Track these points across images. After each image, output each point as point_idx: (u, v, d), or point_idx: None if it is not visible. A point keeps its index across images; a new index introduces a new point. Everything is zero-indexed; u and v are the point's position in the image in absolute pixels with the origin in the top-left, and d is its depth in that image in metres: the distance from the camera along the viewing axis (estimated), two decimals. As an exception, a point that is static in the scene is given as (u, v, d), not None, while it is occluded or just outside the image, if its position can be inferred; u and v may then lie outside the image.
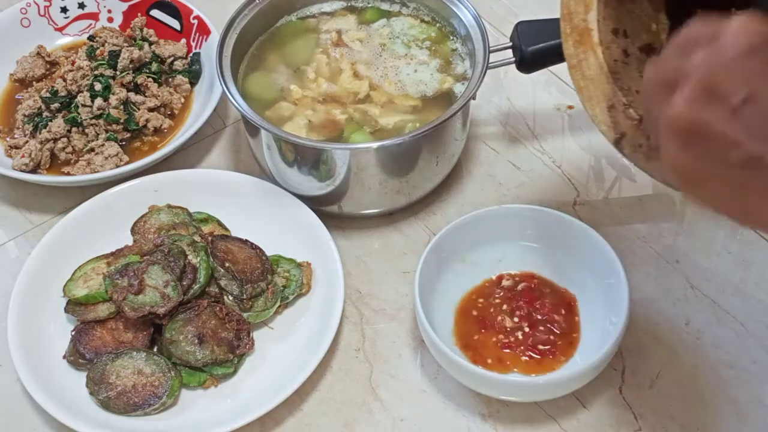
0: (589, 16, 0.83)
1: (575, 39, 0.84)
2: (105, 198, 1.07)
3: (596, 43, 0.83)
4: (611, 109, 0.83)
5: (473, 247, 1.00)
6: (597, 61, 0.84)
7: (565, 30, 0.84)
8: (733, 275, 1.02)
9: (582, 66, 0.84)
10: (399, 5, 1.16)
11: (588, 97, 0.84)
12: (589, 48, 0.83)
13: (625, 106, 0.83)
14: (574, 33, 0.84)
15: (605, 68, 0.83)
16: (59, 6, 1.28)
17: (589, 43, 0.83)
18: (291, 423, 0.93)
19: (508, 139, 1.17)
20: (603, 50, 0.84)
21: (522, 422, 0.92)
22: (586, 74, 0.84)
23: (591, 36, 0.83)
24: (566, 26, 0.84)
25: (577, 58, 0.84)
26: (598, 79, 0.84)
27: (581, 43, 0.84)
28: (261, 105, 1.06)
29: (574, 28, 0.84)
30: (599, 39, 0.83)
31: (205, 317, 0.96)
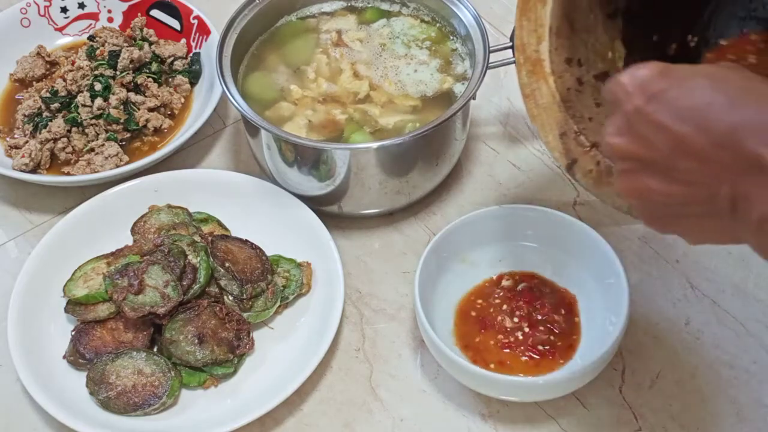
0: (541, 47, 0.86)
1: (528, 69, 0.86)
2: (105, 198, 1.07)
3: (548, 73, 0.86)
4: (563, 137, 0.86)
5: (473, 247, 1.00)
6: (549, 90, 0.86)
7: (519, 60, 0.87)
8: (733, 275, 1.02)
9: (535, 95, 0.87)
10: (399, 5, 1.16)
11: (541, 125, 0.87)
12: (542, 78, 0.86)
13: (576, 133, 0.85)
14: (527, 63, 0.86)
15: (557, 97, 0.86)
16: (59, 6, 1.28)
17: (542, 73, 0.86)
18: (291, 423, 0.93)
19: (508, 139, 1.17)
20: (555, 79, 0.86)
21: (522, 422, 0.92)
22: (539, 103, 0.86)
23: (543, 66, 0.86)
24: (519, 56, 0.87)
25: (530, 88, 0.87)
26: (550, 107, 0.86)
27: (534, 73, 0.86)
28: (261, 105, 1.06)
29: (527, 58, 0.86)
30: (551, 69, 0.86)
31: (205, 317, 0.96)
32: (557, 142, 0.86)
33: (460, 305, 0.98)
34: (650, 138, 0.63)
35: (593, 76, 0.89)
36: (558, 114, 0.86)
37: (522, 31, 0.86)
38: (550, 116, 0.86)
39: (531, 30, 0.86)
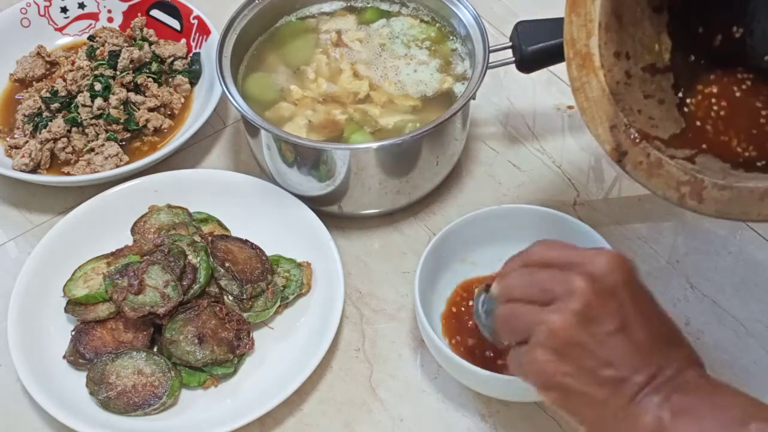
0: (591, 41, 0.86)
1: (578, 63, 0.86)
2: (105, 198, 1.07)
3: (598, 67, 0.86)
4: (613, 129, 0.86)
5: (473, 247, 1.00)
6: (599, 84, 0.86)
7: (569, 54, 0.87)
8: (733, 275, 1.02)
9: (585, 89, 0.86)
10: (398, 5, 1.16)
11: (591, 118, 0.87)
12: (592, 71, 0.86)
13: (626, 125, 0.85)
14: (577, 57, 0.86)
15: (607, 90, 0.86)
16: (59, 6, 1.28)
17: (591, 67, 0.86)
18: (291, 423, 0.93)
19: (508, 139, 1.17)
20: (605, 73, 0.86)
21: (522, 422, 0.92)
22: (588, 96, 0.86)
23: (593, 60, 0.86)
24: (569, 51, 0.87)
25: (580, 81, 0.87)
26: (600, 100, 0.86)
27: (584, 67, 0.86)
28: (261, 105, 1.06)
29: (577, 53, 0.86)
30: (601, 63, 0.86)
31: (205, 317, 0.96)
32: (607, 134, 0.86)
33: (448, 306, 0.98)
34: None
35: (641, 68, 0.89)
36: (608, 107, 0.86)
37: (571, 26, 0.86)
38: (600, 109, 0.86)
39: (580, 25, 0.86)
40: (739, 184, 0.77)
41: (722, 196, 0.78)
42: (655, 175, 0.84)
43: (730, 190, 0.77)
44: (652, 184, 0.85)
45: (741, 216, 0.78)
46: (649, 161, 0.85)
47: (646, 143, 0.85)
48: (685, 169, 0.80)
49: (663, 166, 0.84)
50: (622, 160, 0.86)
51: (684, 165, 0.81)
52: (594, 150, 1.15)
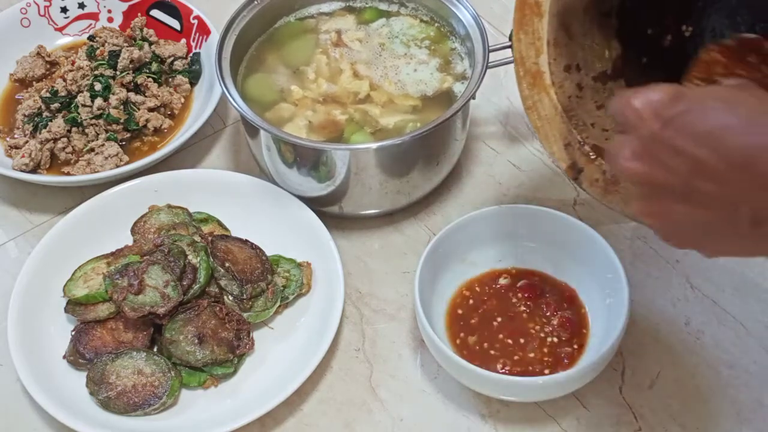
0: (540, 59, 0.86)
1: (529, 82, 0.87)
2: (105, 198, 1.07)
3: (549, 85, 0.86)
4: (567, 147, 0.86)
5: (473, 247, 0.99)
6: (551, 102, 0.87)
7: (519, 73, 0.87)
8: (733, 275, 1.02)
9: (537, 107, 0.87)
10: (398, 5, 1.16)
11: (545, 137, 0.87)
12: (543, 90, 0.86)
13: (580, 143, 0.85)
14: (527, 76, 0.87)
15: (559, 108, 0.86)
16: (59, 6, 1.28)
17: (542, 85, 0.86)
18: (291, 423, 0.93)
19: (508, 139, 1.17)
20: (556, 90, 0.87)
21: (522, 422, 0.92)
22: (541, 115, 0.87)
23: (543, 78, 0.86)
24: (519, 69, 0.87)
25: (532, 100, 0.87)
26: (553, 119, 0.87)
27: (534, 86, 0.87)
28: (261, 106, 1.06)
29: (527, 71, 0.87)
30: (551, 80, 0.87)
31: (205, 317, 0.96)
32: (562, 152, 0.87)
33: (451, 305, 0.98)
34: (668, 163, 0.64)
35: (592, 78, 0.89)
36: (561, 125, 0.86)
37: (520, 45, 0.86)
38: (553, 127, 0.87)
39: (529, 43, 0.86)
40: None
41: None
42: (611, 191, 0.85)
43: None
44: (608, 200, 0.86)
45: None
46: (605, 178, 0.85)
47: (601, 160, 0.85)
48: None
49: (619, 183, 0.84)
50: (578, 177, 0.87)
51: None
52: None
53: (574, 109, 0.87)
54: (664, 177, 0.64)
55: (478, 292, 0.98)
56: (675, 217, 0.66)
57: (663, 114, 0.64)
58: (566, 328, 0.94)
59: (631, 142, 0.66)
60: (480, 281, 0.99)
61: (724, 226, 0.64)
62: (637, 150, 0.65)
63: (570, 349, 0.93)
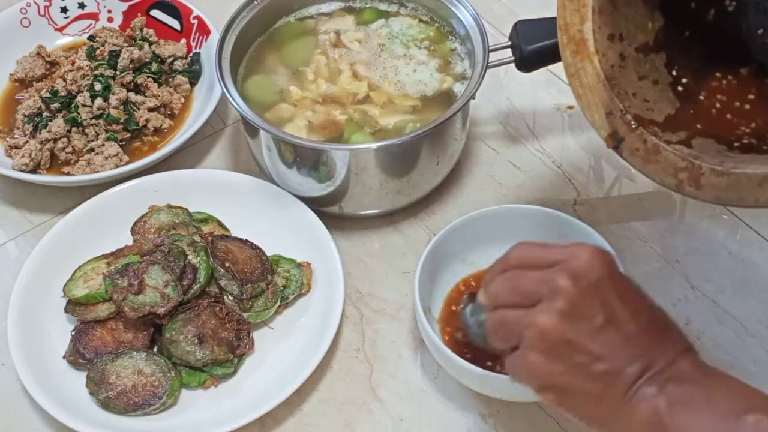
0: (585, 26, 0.85)
1: (572, 49, 0.86)
2: (105, 198, 1.07)
3: (593, 52, 0.85)
4: (609, 116, 0.85)
5: (473, 247, 1.00)
6: (594, 69, 0.85)
7: (562, 40, 0.86)
8: (733, 275, 1.02)
9: (580, 75, 0.86)
10: (397, 5, 1.16)
11: (587, 105, 0.86)
12: (586, 57, 0.85)
13: (622, 111, 0.84)
14: (570, 43, 0.86)
15: (602, 76, 0.85)
16: (59, 6, 1.28)
17: (586, 52, 0.85)
18: (291, 423, 0.93)
19: (508, 139, 1.17)
20: (599, 58, 0.85)
21: (522, 422, 0.92)
22: (583, 82, 0.86)
23: (587, 46, 0.85)
24: (563, 36, 0.86)
25: (575, 68, 0.86)
26: (595, 86, 0.85)
27: (578, 53, 0.85)
28: (261, 107, 1.06)
29: (571, 38, 0.86)
30: (595, 48, 0.85)
31: (205, 317, 0.96)
32: (603, 121, 0.86)
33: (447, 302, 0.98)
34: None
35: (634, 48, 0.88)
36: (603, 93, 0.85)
37: (564, 11, 0.85)
38: (595, 95, 0.85)
39: (574, 10, 0.85)
40: (737, 170, 0.76)
41: (720, 182, 0.77)
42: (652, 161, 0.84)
43: (728, 176, 0.77)
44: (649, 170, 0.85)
45: (738, 202, 0.78)
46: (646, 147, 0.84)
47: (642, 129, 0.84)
48: (683, 155, 0.80)
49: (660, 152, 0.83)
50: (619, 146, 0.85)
51: (681, 150, 0.80)
52: (594, 150, 1.15)
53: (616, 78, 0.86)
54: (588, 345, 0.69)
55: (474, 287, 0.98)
56: (577, 385, 0.70)
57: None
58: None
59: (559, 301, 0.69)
60: (476, 277, 0.99)
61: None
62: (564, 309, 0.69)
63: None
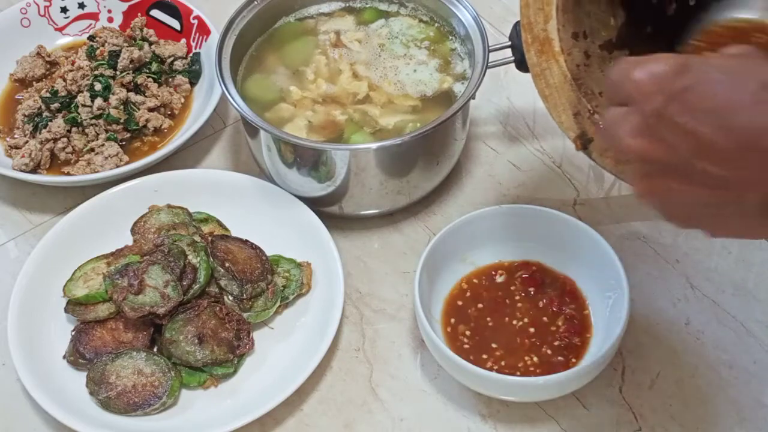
0: (549, 25, 0.84)
1: (537, 48, 0.85)
2: (105, 198, 1.07)
3: (558, 52, 0.85)
4: (577, 116, 0.85)
5: (473, 247, 1.00)
6: (560, 69, 0.85)
7: (527, 40, 0.85)
8: (733, 275, 1.02)
9: (545, 75, 0.85)
10: (397, 5, 1.16)
11: (553, 105, 0.86)
12: (551, 57, 0.85)
13: (590, 112, 0.84)
14: (535, 43, 0.85)
15: (569, 76, 0.85)
16: (59, 6, 1.28)
17: (551, 52, 0.85)
18: (291, 423, 0.93)
19: (508, 139, 1.17)
20: (565, 57, 0.85)
21: (522, 422, 0.92)
22: (549, 83, 0.85)
23: (552, 45, 0.85)
24: (527, 36, 0.85)
25: (540, 67, 0.85)
26: (562, 87, 0.85)
27: (543, 53, 0.85)
28: (261, 107, 1.06)
29: (535, 37, 0.85)
30: (560, 47, 0.84)
31: (205, 317, 0.96)
32: (571, 122, 0.85)
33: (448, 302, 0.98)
34: (670, 140, 0.60)
35: (598, 46, 0.87)
36: (570, 93, 0.84)
37: (528, 10, 0.84)
38: (562, 96, 0.85)
39: (537, 9, 0.84)
40: None
41: None
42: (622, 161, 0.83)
43: None
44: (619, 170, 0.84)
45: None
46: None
47: None
48: None
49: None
50: (588, 147, 0.85)
51: None
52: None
53: (582, 78, 0.85)
54: (666, 155, 0.60)
55: (475, 284, 0.98)
56: (677, 196, 0.62)
57: (666, 88, 0.59)
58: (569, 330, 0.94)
59: (632, 116, 0.61)
60: (477, 275, 0.99)
61: (729, 208, 0.61)
62: (639, 126, 0.61)
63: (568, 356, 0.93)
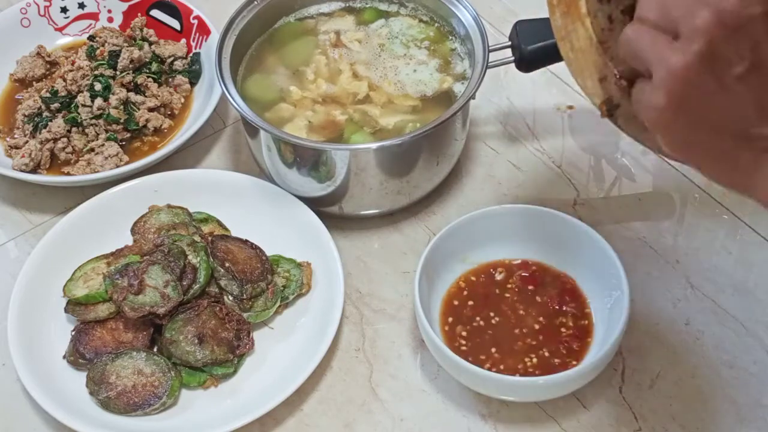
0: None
1: (563, 10, 0.83)
2: (105, 198, 1.07)
3: (584, 14, 0.82)
4: (602, 81, 0.83)
5: (473, 247, 1.00)
6: (586, 32, 0.82)
7: (552, 1, 0.83)
8: (733, 275, 1.02)
9: (571, 38, 0.83)
10: (397, 5, 1.16)
11: (578, 70, 0.83)
12: (577, 19, 0.82)
13: (616, 77, 0.82)
14: (561, 5, 0.83)
15: (594, 39, 0.82)
16: (59, 6, 1.28)
17: (577, 13, 0.82)
18: (291, 423, 0.93)
19: (508, 139, 1.17)
20: (591, 20, 0.83)
21: (522, 422, 0.92)
22: (575, 46, 0.83)
23: (579, 6, 0.82)
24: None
25: (566, 30, 0.83)
26: (587, 50, 0.83)
27: (569, 14, 0.82)
28: (261, 106, 1.06)
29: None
30: (587, 9, 0.83)
31: (205, 317, 0.96)
32: (596, 87, 0.83)
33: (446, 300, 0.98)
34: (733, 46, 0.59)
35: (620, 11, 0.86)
36: (596, 57, 0.82)
37: None
38: (587, 60, 0.83)
39: None
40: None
41: None
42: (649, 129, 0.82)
43: None
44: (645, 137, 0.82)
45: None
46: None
47: None
48: None
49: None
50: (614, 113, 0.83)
51: None
52: (594, 150, 1.15)
53: (608, 41, 0.84)
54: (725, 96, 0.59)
55: (474, 283, 0.98)
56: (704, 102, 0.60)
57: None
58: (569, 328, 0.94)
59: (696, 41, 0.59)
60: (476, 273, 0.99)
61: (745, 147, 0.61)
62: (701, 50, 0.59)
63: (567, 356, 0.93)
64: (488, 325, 0.95)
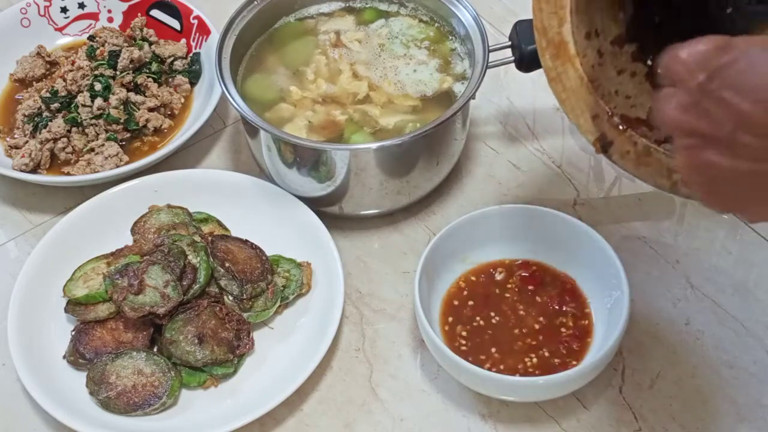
0: (564, 29, 0.83)
1: (552, 53, 0.84)
2: (105, 198, 1.07)
3: (573, 55, 0.84)
4: (596, 119, 0.84)
5: (473, 247, 1.00)
6: (576, 72, 0.84)
7: (541, 44, 0.84)
8: (733, 275, 1.02)
9: (562, 78, 0.84)
10: (397, 5, 1.16)
11: (571, 109, 0.85)
12: (567, 60, 0.84)
13: (608, 114, 0.83)
14: (550, 47, 0.84)
15: (585, 79, 0.84)
16: (59, 6, 1.28)
17: (567, 55, 0.83)
18: (291, 423, 0.93)
19: (507, 138, 1.17)
20: (580, 60, 0.84)
21: (522, 422, 0.92)
22: (566, 86, 0.84)
23: (568, 49, 0.83)
24: (541, 40, 0.84)
25: (556, 71, 0.84)
26: (578, 90, 0.84)
27: (558, 57, 0.84)
28: (261, 106, 1.06)
29: (550, 42, 0.84)
30: (576, 50, 0.83)
31: (205, 317, 0.96)
32: (590, 124, 0.84)
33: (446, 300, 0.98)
34: (714, 114, 0.62)
35: (609, 42, 0.86)
36: (587, 96, 0.83)
37: (541, 14, 0.83)
38: (579, 99, 0.84)
39: (551, 12, 0.83)
40: None
41: None
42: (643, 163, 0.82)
43: None
44: (641, 173, 0.83)
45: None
46: (636, 150, 0.83)
47: (631, 131, 0.83)
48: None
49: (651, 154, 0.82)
50: (609, 150, 0.84)
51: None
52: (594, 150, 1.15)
53: (599, 78, 0.84)
54: (709, 128, 0.62)
55: (474, 282, 0.98)
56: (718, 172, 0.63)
57: (709, 65, 0.62)
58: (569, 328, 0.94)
59: (678, 93, 0.64)
60: (475, 273, 0.99)
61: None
62: (683, 101, 0.63)
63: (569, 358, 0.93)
64: (488, 325, 0.95)
